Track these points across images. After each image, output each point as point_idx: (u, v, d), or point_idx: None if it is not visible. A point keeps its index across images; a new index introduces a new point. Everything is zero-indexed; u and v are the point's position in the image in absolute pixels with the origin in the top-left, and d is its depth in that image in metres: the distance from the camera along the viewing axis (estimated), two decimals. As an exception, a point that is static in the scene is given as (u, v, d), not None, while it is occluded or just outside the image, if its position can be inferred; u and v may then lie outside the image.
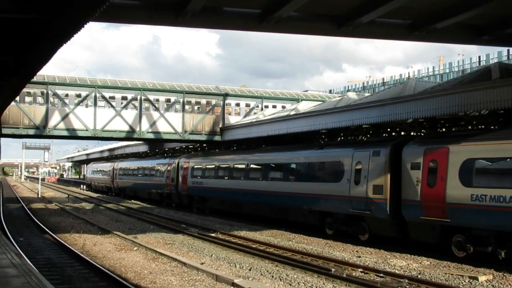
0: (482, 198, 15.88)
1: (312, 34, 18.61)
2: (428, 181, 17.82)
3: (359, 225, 21.26)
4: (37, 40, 10.81)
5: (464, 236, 16.82)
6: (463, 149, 17.01)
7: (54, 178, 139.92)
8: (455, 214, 16.75)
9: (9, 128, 30.53)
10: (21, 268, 11.10)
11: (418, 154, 18.47)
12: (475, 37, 18.10)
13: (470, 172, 16.53)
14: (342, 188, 21.57)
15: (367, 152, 20.91)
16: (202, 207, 35.74)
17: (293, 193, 24.96)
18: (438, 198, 17.27)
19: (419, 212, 18.05)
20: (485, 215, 15.87)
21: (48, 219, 30.56)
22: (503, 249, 15.60)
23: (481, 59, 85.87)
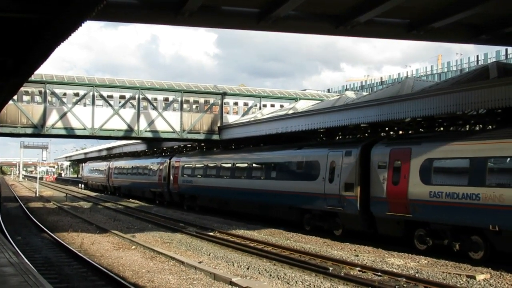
0: (439, 194, 17.30)
1: (310, 33, 18.64)
2: (393, 179, 19.16)
3: (334, 221, 22.60)
4: (36, 40, 10.81)
5: (424, 230, 18.17)
6: (423, 150, 18.38)
7: (52, 177, 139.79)
8: (416, 210, 18.16)
9: (7, 127, 30.47)
10: (18, 267, 11.09)
11: (384, 154, 19.89)
12: (473, 37, 18.11)
13: (429, 171, 17.95)
14: (318, 186, 22.89)
15: (340, 152, 22.31)
16: (192, 205, 37.05)
17: (274, 191, 26.26)
18: (401, 195, 18.61)
19: (385, 208, 19.39)
20: (441, 211, 17.27)
21: (46, 218, 30.55)
22: (457, 242, 16.99)
23: (479, 58, 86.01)
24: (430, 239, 17.98)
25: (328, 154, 22.94)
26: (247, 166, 30.08)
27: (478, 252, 16.53)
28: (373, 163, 20.25)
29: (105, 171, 61.96)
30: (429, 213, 17.78)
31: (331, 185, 22.19)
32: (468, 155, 16.84)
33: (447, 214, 17.09)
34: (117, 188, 57.55)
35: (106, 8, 8.75)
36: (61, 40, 10.39)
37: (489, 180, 16.05)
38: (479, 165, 16.37)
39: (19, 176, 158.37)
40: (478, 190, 16.09)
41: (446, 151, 17.76)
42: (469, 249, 16.80)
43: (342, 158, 21.99)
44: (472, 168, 16.64)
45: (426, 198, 17.72)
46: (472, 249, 16.71)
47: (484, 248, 16.36)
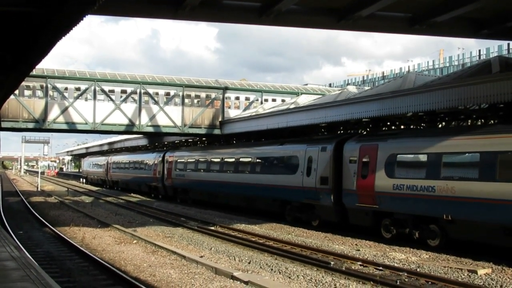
0: (401, 187, 18.86)
1: (312, 27, 18.53)
2: (362, 173, 20.70)
3: (312, 212, 24.11)
4: (36, 35, 10.78)
5: (390, 220, 19.65)
6: (388, 146, 19.95)
7: (53, 171, 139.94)
8: (382, 201, 19.72)
9: (8, 122, 30.49)
10: (20, 261, 11.11)
11: (355, 150, 21.34)
12: (475, 31, 18.03)
13: (393, 165, 19.50)
14: (297, 180, 24.40)
15: (316, 148, 23.81)
16: (185, 198, 38.54)
17: (259, 184, 27.79)
18: (369, 188, 20.16)
19: (355, 200, 20.94)
20: (403, 202, 18.87)
21: (47, 212, 30.58)
22: (417, 230, 18.55)
23: (481, 53, 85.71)
24: (394, 228, 19.51)
25: (306, 149, 24.44)
26: (234, 161, 31.50)
27: (435, 239, 17.99)
28: (345, 158, 21.70)
29: (104, 165, 63.41)
30: (393, 204, 19.31)
31: (309, 179, 23.69)
32: (426, 151, 18.39)
33: (408, 205, 18.67)
34: (115, 182, 59.02)
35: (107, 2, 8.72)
36: (61, 35, 10.38)
37: (443, 173, 17.44)
38: (435, 160, 17.84)
39: (21, 171, 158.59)
40: (433, 182, 17.58)
41: (408, 147, 19.46)
42: (428, 237, 18.24)
43: (318, 154, 23.43)
44: (429, 163, 18.10)
45: (390, 190, 19.22)
46: (430, 236, 18.16)
47: (440, 236, 17.83)
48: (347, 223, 21.82)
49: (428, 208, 17.84)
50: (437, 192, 17.38)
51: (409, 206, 18.61)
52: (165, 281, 12.90)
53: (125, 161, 54.98)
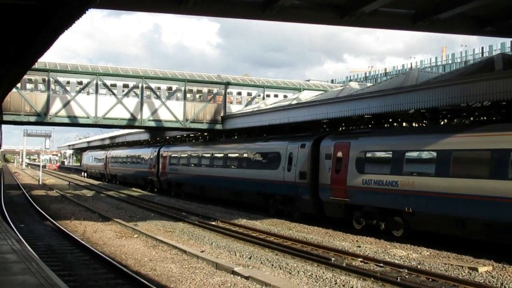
0: (369, 182, 20.33)
1: (315, 23, 18.51)
2: (336, 169, 22.08)
3: (292, 205, 25.54)
4: (39, 27, 10.76)
5: (360, 213, 21.05)
6: (359, 143, 21.37)
7: (55, 165, 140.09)
8: (353, 195, 21.16)
9: (10, 115, 30.49)
10: (21, 254, 11.14)
11: (330, 147, 22.71)
12: (478, 28, 17.99)
13: (362, 161, 20.93)
14: (279, 174, 25.93)
15: (296, 145, 25.24)
16: (178, 191, 40.06)
17: (245, 179, 29.25)
18: (342, 182, 21.58)
19: (330, 194, 22.32)
20: (371, 195, 20.31)
21: (49, 206, 30.63)
22: (383, 222, 19.96)
23: (484, 50, 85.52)
24: (364, 220, 20.97)
25: (287, 146, 25.92)
26: (223, 156, 33.10)
27: (399, 230, 19.41)
28: (321, 154, 23.11)
29: (103, 159, 65.01)
30: (362, 197, 20.80)
31: (289, 174, 25.19)
32: (391, 149, 19.94)
33: (375, 198, 20.13)
34: (114, 176, 60.57)
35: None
36: (64, 28, 10.35)
37: (405, 169, 18.98)
38: (399, 157, 19.34)
39: (22, 164, 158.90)
40: (397, 178, 19.06)
41: (376, 145, 21.04)
42: (392, 228, 19.65)
43: (298, 150, 24.92)
44: (393, 160, 19.59)
45: (360, 185, 20.73)
46: (395, 228, 19.58)
47: (403, 227, 19.23)
48: (324, 215, 23.25)
49: (392, 201, 19.29)
50: (400, 187, 18.84)
51: (377, 200, 20.07)
52: (165, 276, 12.91)
53: (123, 156, 56.49)
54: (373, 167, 20.63)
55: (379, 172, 20.12)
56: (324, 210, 23.13)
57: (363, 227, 20.91)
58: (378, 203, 20.03)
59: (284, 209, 26.27)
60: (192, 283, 12.00)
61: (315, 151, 23.73)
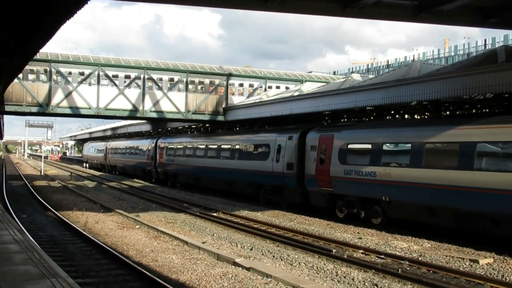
0: (350, 172, 21.39)
1: (317, 14, 18.36)
2: (320, 160, 23.17)
3: (281, 194, 26.64)
4: (41, 17, 10.72)
5: (343, 202, 22.16)
6: (342, 136, 22.47)
7: (57, 156, 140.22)
8: (336, 185, 22.26)
9: (12, 106, 30.49)
10: (23, 245, 11.15)
11: (315, 139, 23.76)
12: (482, 20, 17.84)
13: (344, 153, 22.03)
14: (268, 165, 27.01)
15: (284, 137, 26.25)
16: (175, 182, 41.42)
17: (237, 169, 30.37)
18: (326, 173, 22.67)
19: (315, 183, 23.42)
20: (352, 185, 21.41)
21: (50, 196, 30.69)
22: (363, 210, 21.09)
23: (487, 42, 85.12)
24: (345, 208, 22.10)
25: (276, 138, 26.93)
26: (216, 147, 34.24)
27: (378, 218, 20.57)
28: (307, 146, 24.20)
29: (103, 150, 66.23)
30: (344, 187, 21.92)
31: (278, 164, 26.30)
32: (370, 141, 21.02)
33: (356, 188, 21.23)
34: (113, 167, 61.87)
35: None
36: (66, 18, 10.33)
37: (383, 160, 20.05)
38: (377, 149, 20.44)
39: (24, 155, 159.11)
40: (375, 169, 20.13)
41: (357, 138, 22.06)
42: (372, 216, 20.77)
43: (286, 142, 25.95)
44: (372, 151, 20.62)
45: (342, 175, 21.83)
46: (374, 216, 20.71)
47: (381, 215, 20.38)
48: (309, 204, 24.38)
49: (371, 191, 20.44)
50: (378, 177, 19.95)
51: (357, 189, 21.23)
52: (167, 266, 12.94)
53: (122, 147, 57.70)
54: (354, 159, 21.64)
55: (359, 163, 21.14)
56: (309, 199, 24.27)
57: (345, 216, 22.08)
58: (359, 192, 21.19)
59: (273, 198, 27.35)
60: (194, 274, 12.03)
61: (301, 143, 24.73)
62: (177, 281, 11.60)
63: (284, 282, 11.17)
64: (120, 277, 11.92)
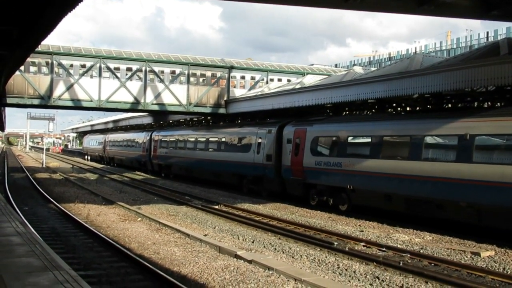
0: (320, 163, 23.27)
1: (319, 6, 18.31)
2: (295, 152, 24.91)
3: (261, 184, 28.46)
4: (42, 9, 10.69)
5: (315, 190, 23.86)
6: (313, 129, 24.21)
7: (58, 148, 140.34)
8: (308, 175, 24.11)
9: (13, 98, 30.49)
10: (25, 237, 11.18)
11: (291, 132, 25.56)
12: (484, 12, 17.75)
13: (315, 145, 23.86)
14: (250, 157, 28.78)
15: (265, 130, 28.10)
16: (168, 173, 43.21)
17: (222, 161, 32.34)
18: (299, 164, 24.45)
19: (290, 174, 25.31)
20: (322, 175, 23.26)
21: (52, 189, 30.74)
22: (332, 198, 22.92)
23: (489, 35, 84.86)
24: (317, 197, 23.79)
25: (257, 132, 28.75)
26: (205, 140, 36.15)
27: (344, 205, 22.38)
28: (284, 139, 26.00)
29: (102, 143, 68.27)
30: (315, 177, 23.76)
31: (258, 156, 28.10)
32: (336, 134, 22.83)
33: (325, 178, 23.10)
34: (112, 159, 63.68)
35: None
36: (67, 10, 10.29)
37: (347, 152, 21.92)
38: (342, 141, 22.38)
39: (26, 147, 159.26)
40: (341, 159, 22.00)
41: (326, 131, 23.75)
42: (339, 203, 22.66)
43: (266, 135, 27.75)
44: (339, 143, 22.51)
45: (313, 166, 23.67)
46: (340, 203, 22.58)
47: (347, 202, 22.22)
48: (286, 193, 26.17)
49: (338, 180, 22.25)
50: (343, 167, 21.82)
51: (326, 179, 23.07)
52: (169, 259, 12.97)
53: (119, 139, 59.52)
54: (323, 150, 23.59)
55: (328, 154, 23.15)
56: (286, 188, 26.18)
57: (316, 203, 23.78)
58: (327, 181, 23.05)
59: (254, 188, 29.24)
60: (195, 267, 12.05)
61: (279, 136, 26.54)
62: (179, 273, 11.63)
63: (285, 275, 11.19)
64: (122, 270, 11.95)
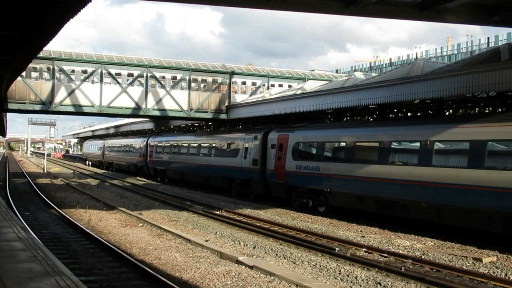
0: (300, 167, 24.80)
1: (320, 12, 18.30)
2: (278, 157, 26.50)
3: (248, 187, 30.26)
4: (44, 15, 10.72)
5: (296, 192, 25.42)
6: (295, 135, 25.80)
7: (60, 154, 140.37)
8: (290, 178, 25.68)
9: (15, 103, 30.53)
10: (27, 242, 11.18)
11: (274, 138, 27.20)
12: (485, 18, 17.76)
13: (296, 151, 25.44)
14: (238, 161, 30.52)
15: (251, 136, 29.76)
16: (163, 177, 45.00)
17: (213, 165, 34.19)
18: (282, 168, 26.07)
19: (274, 177, 26.94)
20: (302, 178, 24.71)
21: (54, 194, 30.73)
22: (311, 200, 24.44)
23: (490, 40, 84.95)
24: (298, 198, 25.24)
25: (244, 138, 30.45)
26: (196, 145, 38.19)
27: (323, 207, 23.81)
28: (268, 145, 27.63)
29: (101, 148, 70.34)
30: (296, 180, 25.25)
31: (245, 161, 29.77)
32: (315, 140, 24.59)
33: (305, 181, 24.54)
34: (110, 163, 65.47)
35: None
36: (69, 16, 10.33)
37: (325, 156, 23.65)
38: (320, 147, 24.06)
39: (27, 153, 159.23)
40: (319, 164, 23.57)
41: (306, 137, 25.41)
42: (318, 205, 24.03)
43: (252, 141, 29.42)
44: (317, 149, 24.25)
45: (295, 170, 25.20)
46: (319, 204, 23.99)
47: (325, 204, 23.59)
48: (271, 195, 27.85)
49: (317, 183, 23.75)
50: (321, 171, 23.34)
51: (306, 182, 24.53)
52: (170, 265, 12.96)
53: (117, 145, 61.59)
54: (304, 155, 25.18)
55: (308, 159, 24.69)
56: (271, 191, 27.76)
57: (298, 205, 25.14)
58: (307, 184, 24.53)
59: (242, 190, 30.90)
60: (197, 272, 12.04)
61: (264, 142, 28.17)
62: (180, 279, 11.62)
63: (287, 281, 11.18)
64: (123, 275, 11.95)
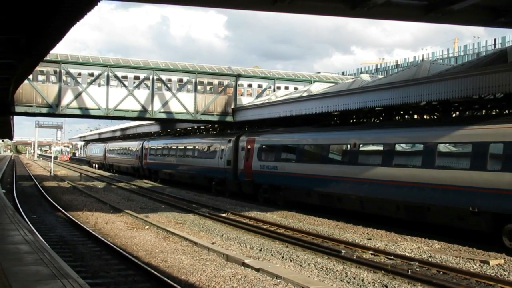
0: (263, 166, 28.49)
1: (326, 14, 18.31)
2: (246, 158, 30.09)
3: (225, 185, 33.57)
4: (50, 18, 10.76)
5: (261, 189, 29.01)
6: (260, 139, 29.57)
7: (66, 156, 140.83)
8: (256, 177, 29.30)
9: (22, 106, 30.68)
10: (34, 245, 11.21)
11: (244, 141, 30.84)
12: (491, 19, 17.72)
13: (261, 152, 29.08)
14: (216, 162, 34.20)
15: (226, 140, 33.31)
16: (156, 177, 48.62)
17: (196, 166, 38.19)
18: (249, 167, 29.68)
19: (244, 176, 30.54)
20: (265, 177, 28.44)
21: (60, 197, 30.83)
22: (274, 196, 27.81)
23: (496, 42, 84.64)
24: (263, 194, 28.83)
25: (221, 141, 34.09)
26: (183, 148, 41.92)
27: (281, 201, 27.09)
28: (239, 147, 31.19)
29: (103, 151, 73.72)
30: (261, 178, 28.94)
31: (221, 161, 33.27)
32: (274, 143, 28.27)
33: (268, 179, 28.23)
34: (111, 165, 68.69)
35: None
36: (75, 20, 10.38)
37: (281, 157, 27.18)
38: (278, 149, 27.64)
39: (34, 155, 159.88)
40: (277, 163, 27.31)
41: (268, 140, 29.13)
42: (278, 200, 27.54)
43: (227, 144, 32.84)
44: (276, 150, 27.69)
45: (259, 169, 28.83)
46: (278, 200, 27.51)
47: (283, 199, 27.09)
48: (242, 192, 31.22)
49: (276, 180, 27.32)
50: (279, 170, 26.97)
51: (268, 179, 28.14)
52: (176, 267, 12.96)
53: (117, 148, 65.36)
54: (266, 156, 28.63)
55: (269, 160, 28.18)
56: (242, 188, 31.12)
57: (263, 200, 28.58)
58: (269, 182, 28.11)
59: (220, 188, 34.15)
60: (203, 275, 12.03)
61: (237, 144, 31.54)
62: (187, 282, 11.61)
63: (293, 283, 11.15)
64: (130, 278, 11.95)
